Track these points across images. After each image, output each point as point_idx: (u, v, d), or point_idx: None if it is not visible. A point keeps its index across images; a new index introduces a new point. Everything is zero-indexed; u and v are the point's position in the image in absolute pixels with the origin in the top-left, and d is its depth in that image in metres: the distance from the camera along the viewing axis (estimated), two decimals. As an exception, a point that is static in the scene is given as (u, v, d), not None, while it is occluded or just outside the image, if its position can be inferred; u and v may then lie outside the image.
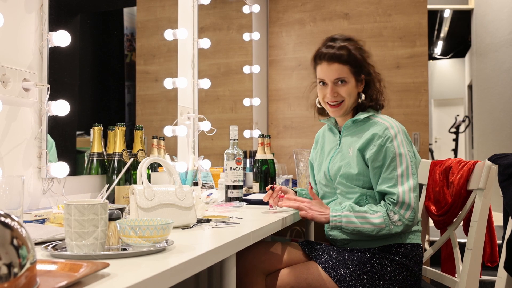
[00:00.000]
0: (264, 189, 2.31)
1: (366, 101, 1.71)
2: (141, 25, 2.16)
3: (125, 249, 1.05)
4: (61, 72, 1.58)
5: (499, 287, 1.75)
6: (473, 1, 6.67)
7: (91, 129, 1.67)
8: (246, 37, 3.27)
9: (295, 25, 3.73)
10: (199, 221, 1.46)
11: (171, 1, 2.39)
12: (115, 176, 1.63)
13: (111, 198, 1.60)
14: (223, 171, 2.01)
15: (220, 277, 1.28)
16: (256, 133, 3.22)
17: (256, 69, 3.31)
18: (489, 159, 1.75)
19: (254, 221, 1.51)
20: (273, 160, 2.41)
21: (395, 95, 3.39)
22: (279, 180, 2.69)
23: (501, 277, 1.75)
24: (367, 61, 1.71)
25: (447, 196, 1.79)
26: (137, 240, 1.00)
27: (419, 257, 1.63)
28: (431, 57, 10.59)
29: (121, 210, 1.15)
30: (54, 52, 1.52)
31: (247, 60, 3.35)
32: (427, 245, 2.71)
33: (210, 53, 2.73)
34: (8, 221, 0.68)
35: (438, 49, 10.36)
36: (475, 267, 1.60)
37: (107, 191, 1.12)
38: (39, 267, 0.78)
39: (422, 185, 1.95)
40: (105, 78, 1.96)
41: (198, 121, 2.53)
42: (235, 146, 1.91)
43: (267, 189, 1.75)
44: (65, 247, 0.99)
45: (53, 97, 1.49)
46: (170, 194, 1.36)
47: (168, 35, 2.30)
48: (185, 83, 2.32)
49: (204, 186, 2.20)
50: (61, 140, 1.58)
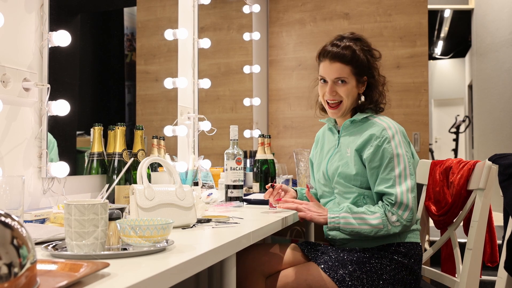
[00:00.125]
0: (264, 189, 2.31)
1: (366, 103, 1.70)
2: (141, 25, 2.16)
3: (125, 249, 1.05)
4: (61, 72, 1.58)
5: (499, 287, 1.75)
6: (474, 1, 6.67)
7: (91, 129, 1.67)
8: (246, 37, 3.27)
9: (295, 25, 3.73)
10: (199, 221, 1.46)
11: (171, 1, 2.39)
12: (115, 176, 1.63)
13: (111, 198, 1.60)
14: (223, 171, 2.01)
15: (220, 277, 1.28)
16: (256, 133, 3.23)
17: (256, 69, 3.31)
18: (489, 159, 1.75)
19: (254, 221, 1.51)
20: (273, 160, 2.41)
21: (395, 95, 3.39)
22: (279, 180, 2.69)
23: (501, 277, 1.75)
24: (371, 63, 1.69)
25: (447, 196, 1.79)
26: (137, 240, 1.01)
27: (418, 255, 1.63)
28: (432, 57, 10.59)
29: (121, 210, 1.15)
30: (54, 52, 1.52)
31: (247, 60, 3.35)
32: (427, 245, 2.71)
33: (210, 53, 2.73)
34: (8, 221, 0.68)
35: (438, 49, 10.36)
36: (475, 267, 1.60)
37: (107, 191, 1.12)
38: (39, 267, 0.78)
39: (422, 185, 1.95)
40: (105, 78, 1.96)
41: (198, 121, 2.53)
42: (235, 146, 1.91)
43: (267, 187, 1.75)
44: (65, 247, 0.99)
45: (53, 97, 1.49)
46: (170, 194, 1.36)
47: (168, 35, 2.30)
48: (185, 83, 2.32)
49: (204, 186, 2.20)
50: (61, 140, 1.58)
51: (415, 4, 3.45)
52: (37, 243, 1.05)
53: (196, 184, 1.98)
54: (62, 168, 1.47)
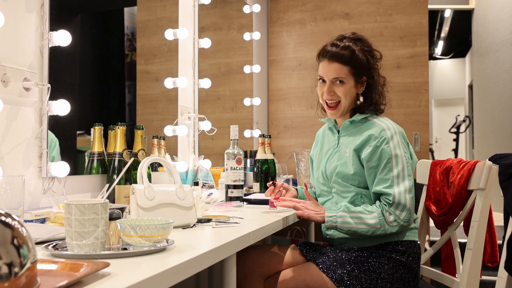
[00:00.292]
0: (264, 189, 2.31)
1: (365, 105, 1.70)
2: (141, 24, 2.16)
3: (125, 249, 1.05)
4: (61, 71, 1.58)
5: (499, 287, 1.75)
6: (474, 1, 6.67)
7: (92, 129, 1.67)
8: (246, 36, 3.27)
9: (295, 25, 3.73)
10: (200, 221, 1.46)
11: (171, 0, 2.38)
12: (116, 175, 1.63)
13: (111, 197, 1.60)
14: (224, 171, 2.01)
15: (220, 277, 1.28)
16: (256, 133, 3.23)
17: (256, 69, 3.31)
18: (489, 159, 1.75)
19: (254, 221, 1.51)
20: (273, 160, 2.41)
21: (396, 95, 3.39)
22: (279, 180, 2.69)
23: (501, 277, 1.75)
24: (371, 64, 1.69)
25: (448, 196, 1.79)
26: (138, 239, 1.01)
27: (417, 254, 1.63)
28: (432, 57, 10.59)
29: (122, 209, 1.15)
30: (54, 51, 1.52)
31: (248, 60, 3.35)
32: (427, 245, 2.71)
33: (210, 52, 2.73)
34: (8, 220, 0.68)
35: (438, 49, 10.36)
36: (475, 267, 1.60)
37: (107, 190, 1.12)
38: (39, 266, 0.78)
39: (422, 185, 1.95)
40: (105, 77, 1.96)
41: (198, 121, 2.53)
42: (235, 146, 1.91)
43: (269, 185, 1.76)
44: (66, 247, 0.99)
45: (53, 96, 1.49)
46: (170, 193, 1.36)
47: (168, 34, 2.30)
48: (186, 82, 2.32)
49: (204, 185, 2.20)
50: (62, 139, 1.58)
51: (415, 4, 3.45)
52: (38, 243, 1.05)
53: (196, 184, 1.98)
54: (62, 167, 1.47)
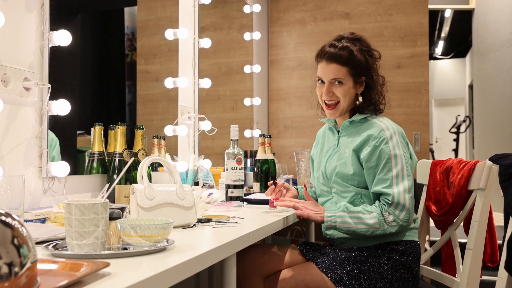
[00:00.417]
0: (264, 188, 2.32)
1: (365, 105, 1.70)
2: (142, 24, 2.16)
3: (125, 249, 1.05)
4: (62, 71, 1.58)
5: (499, 287, 1.75)
6: (474, 1, 6.66)
7: (92, 129, 1.67)
8: (247, 36, 3.27)
9: (296, 24, 3.73)
10: (200, 221, 1.46)
11: (172, 0, 2.38)
12: (116, 175, 1.63)
13: (111, 197, 1.60)
14: (224, 171, 2.01)
15: (220, 276, 1.28)
16: (256, 132, 3.23)
17: (256, 68, 3.31)
18: (489, 159, 1.75)
19: (254, 220, 1.51)
20: (273, 159, 2.41)
21: (396, 95, 3.39)
22: (279, 180, 2.69)
23: (501, 277, 1.75)
24: (370, 64, 1.69)
25: (448, 196, 1.79)
26: (138, 239, 1.01)
27: (416, 253, 1.63)
28: (432, 57, 10.58)
29: (122, 209, 1.15)
30: (55, 51, 1.52)
31: (248, 59, 3.35)
32: (427, 245, 2.71)
33: (210, 52, 2.73)
34: (9, 220, 0.68)
35: (439, 49, 10.35)
36: (475, 267, 1.60)
37: (107, 190, 1.12)
38: (39, 266, 0.78)
39: (422, 185, 1.95)
40: (105, 77, 1.96)
41: (198, 121, 2.53)
42: (235, 145, 1.91)
43: (269, 184, 1.76)
44: (66, 247, 0.99)
45: (53, 96, 1.49)
46: (170, 193, 1.36)
47: (169, 34, 2.30)
48: (186, 82, 2.32)
49: (204, 185, 2.20)
50: (62, 139, 1.58)
51: (415, 4, 3.45)
52: (38, 243, 1.05)
53: (196, 183, 1.98)
54: (62, 167, 1.47)
